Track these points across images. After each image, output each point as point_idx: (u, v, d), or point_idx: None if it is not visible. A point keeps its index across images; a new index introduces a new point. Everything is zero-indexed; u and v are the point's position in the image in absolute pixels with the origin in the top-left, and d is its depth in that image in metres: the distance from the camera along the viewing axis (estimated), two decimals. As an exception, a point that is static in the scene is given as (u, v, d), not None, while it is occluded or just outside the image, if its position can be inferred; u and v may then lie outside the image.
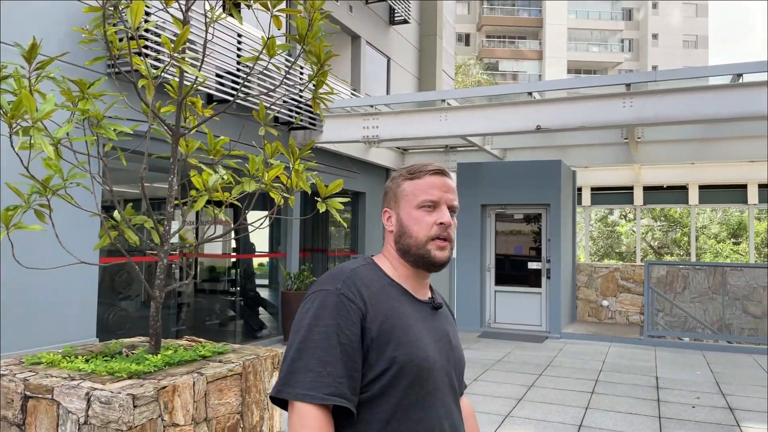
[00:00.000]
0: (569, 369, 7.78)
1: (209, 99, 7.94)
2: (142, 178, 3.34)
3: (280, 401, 1.31)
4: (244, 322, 9.70)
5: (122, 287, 8.36)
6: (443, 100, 8.92)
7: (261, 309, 10.18)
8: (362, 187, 12.00)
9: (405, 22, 13.42)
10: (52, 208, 3.39)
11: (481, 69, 34.89)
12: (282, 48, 3.54)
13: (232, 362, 3.38)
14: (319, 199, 3.94)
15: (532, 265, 10.79)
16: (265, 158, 3.92)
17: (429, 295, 1.53)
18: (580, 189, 13.99)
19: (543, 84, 8.61)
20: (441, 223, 1.43)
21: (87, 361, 3.34)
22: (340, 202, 3.95)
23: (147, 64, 3.23)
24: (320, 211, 3.86)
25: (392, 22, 13.35)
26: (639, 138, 10.48)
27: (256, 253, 10.39)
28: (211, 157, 3.92)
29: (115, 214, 3.56)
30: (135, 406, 2.71)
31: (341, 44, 12.25)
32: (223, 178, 3.86)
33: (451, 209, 1.47)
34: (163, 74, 6.32)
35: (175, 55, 3.11)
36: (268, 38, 3.57)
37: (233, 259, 10.48)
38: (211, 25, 3.44)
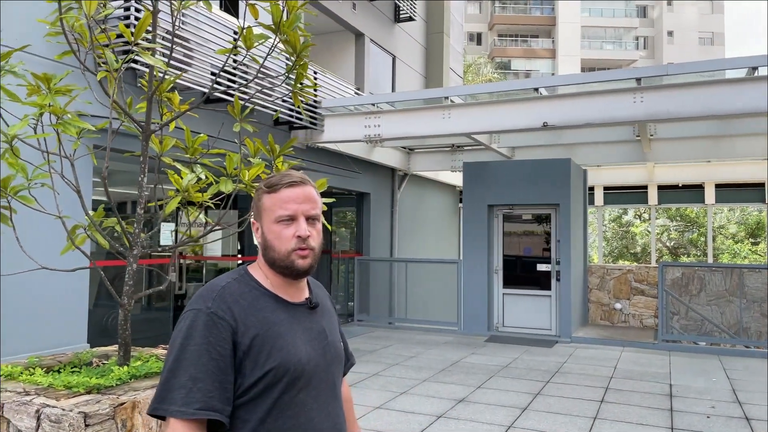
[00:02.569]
0: (579, 375, 7.47)
1: (207, 99, 7.74)
2: (104, 177, 3.12)
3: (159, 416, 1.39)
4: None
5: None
6: (447, 98, 8.65)
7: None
8: (367, 187, 11.76)
9: (410, 19, 13.17)
10: (15, 209, 3.20)
11: (492, 68, 34.54)
12: (257, 38, 3.30)
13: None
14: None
15: (542, 267, 10.48)
16: (244, 156, 3.70)
17: (306, 295, 1.60)
18: (592, 188, 13.65)
19: (550, 79, 8.32)
20: (299, 236, 1.48)
21: (48, 373, 3.13)
22: (325, 203, 3.70)
23: (110, 55, 3.01)
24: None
25: (397, 19, 13.10)
26: (651, 135, 10.13)
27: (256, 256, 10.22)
28: (189, 155, 3.70)
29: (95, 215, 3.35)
30: (87, 425, 2.49)
31: (344, 42, 12.03)
32: (200, 178, 3.64)
33: (312, 218, 1.52)
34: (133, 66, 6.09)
35: (145, 43, 2.89)
36: (243, 28, 3.34)
37: (240, 262, 10.28)
38: (178, 13, 3.21)
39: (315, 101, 9.31)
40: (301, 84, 3.53)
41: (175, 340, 1.41)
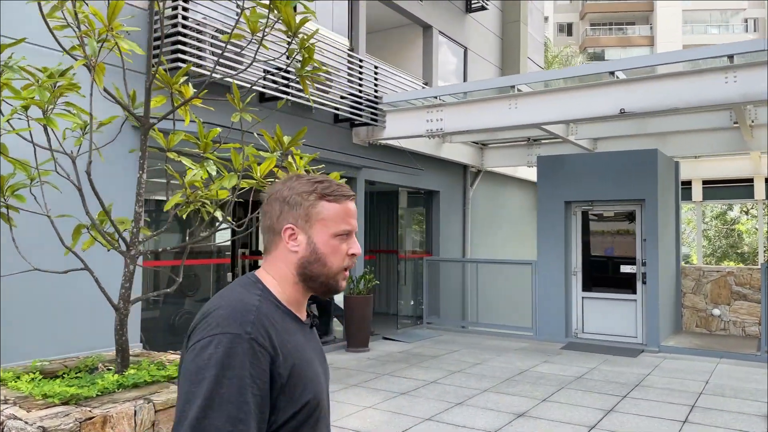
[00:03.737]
0: (662, 390, 6.67)
1: (261, 97, 7.65)
2: (88, 173, 2.94)
3: None
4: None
5: (190, 289, 8.29)
6: (513, 87, 8.06)
7: (330, 313, 9.80)
8: (436, 185, 11.32)
9: (483, 8, 12.56)
10: (17, 209, 3.10)
11: (585, 59, 32.74)
12: (254, 17, 3.01)
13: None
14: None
15: (625, 269, 9.59)
16: (261, 150, 3.43)
17: (305, 312, 1.43)
18: (688, 183, 12.44)
19: (627, 61, 7.52)
20: (353, 255, 1.36)
21: (50, 379, 3.00)
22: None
23: (92, 43, 2.82)
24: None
25: (469, 9, 12.55)
26: (752, 122, 8.99)
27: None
28: (201, 150, 3.48)
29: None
30: (45, 442, 2.29)
31: (411, 36, 11.65)
32: (211, 174, 3.41)
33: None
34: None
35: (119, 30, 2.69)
36: (243, 8, 3.07)
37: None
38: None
39: (376, 97, 9.01)
40: (308, 70, 3.20)
41: (205, 371, 1.14)
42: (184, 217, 3.55)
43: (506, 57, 14.02)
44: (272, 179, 3.56)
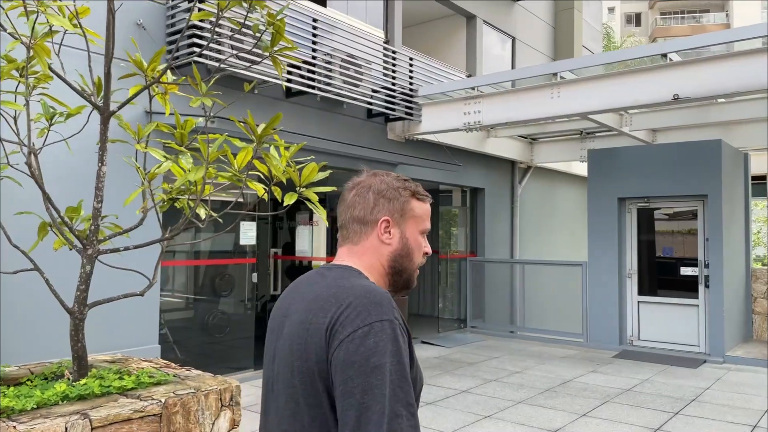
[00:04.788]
0: (721, 407, 5.96)
1: (288, 92, 7.41)
2: (30, 165, 2.71)
3: None
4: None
5: (223, 289, 8.17)
6: (556, 74, 7.48)
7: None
8: (480, 182, 10.80)
9: (532, -5, 11.93)
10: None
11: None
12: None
13: (152, 399, 2.62)
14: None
15: (686, 271, 8.78)
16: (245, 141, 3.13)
17: None
18: (762, 177, 11.36)
19: (681, 42, 6.81)
20: (426, 253, 1.43)
21: (10, 387, 2.80)
22: (319, 192, 3.01)
23: (32, 22, 2.58)
24: (286, 205, 2.96)
25: (517, -3, 11.94)
26: (834, 106, 8.01)
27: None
28: (178, 141, 3.21)
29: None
30: (-51, 463, 2.05)
31: (454, 27, 11.17)
32: (186, 168, 3.14)
33: None
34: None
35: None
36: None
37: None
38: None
39: (411, 90, 8.62)
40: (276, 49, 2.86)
41: (374, 359, 1.12)
42: (161, 213, 3.29)
43: (559, 46, 13.29)
44: (253, 172, 3.25)
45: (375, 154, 8.49)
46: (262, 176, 3.22)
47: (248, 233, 7.18)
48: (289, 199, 2.93)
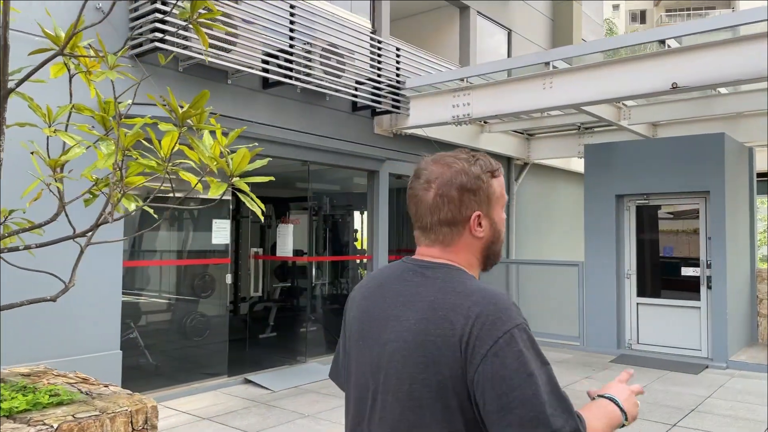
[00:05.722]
0: (723, 417, 5.55)
1: (265, 82, 7.05)
2: None
3: None
4: (325, 332, 8.70)
5: (202, 291, 7.82)
6: (548, 63, 7.08)
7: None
8: (474, 179, 10.38)
9: (529, -14, 11.53)
10: None
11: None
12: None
13: (43, 424, 2.25)
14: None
15: (687, 272, 8.36)
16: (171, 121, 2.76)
17: None
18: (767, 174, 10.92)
19: (681, 27, 6.40)
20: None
21: None
22: (254, 184, 2.64)
23: None
24: (212, 196, 2.58)
25: (513, -12, 11.54)
26: (844, 97, 7.58)
27: (333, 256, 9.38)
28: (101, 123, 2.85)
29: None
30: None
31: (448, 18, 10.78)
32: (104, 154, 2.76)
33: None
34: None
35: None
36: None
37: (319, 262, 9.57)
38: None
39: (398, 81, 8.23)
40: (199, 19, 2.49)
41: (525, 367, 1.11)
42: (87, 206, 2.92)
43: (558, 40, 12.87)
44: (186, 160, 2.88)
45: (361, 149, 8.11)
46: (194, 165, 2.85)
47: (221, 232, 6.82)
48: (216, 191, 2.55)
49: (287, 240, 8.03)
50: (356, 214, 9.54)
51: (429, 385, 1.14)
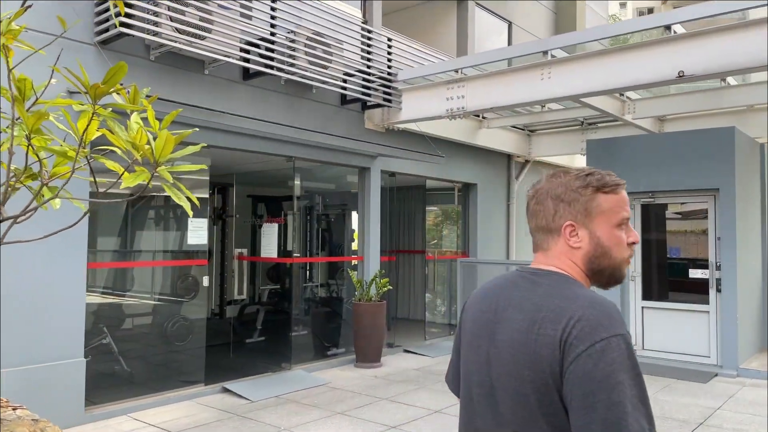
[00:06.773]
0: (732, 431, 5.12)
1: (245, 73, 6.67)
2: None
3: None
4: (313, 337, 8.31)
5: (186, 293, 7.46)
6: (546, 53, 6.67)
7: (337, 322, 8.73)
8: (472, 177, 9.99)
9: (530, -23, 11.12)
10: None
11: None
12: None
13: None
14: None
15: (695, 274, 7.91)
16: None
17: None
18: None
19: (686, 12, 5.97)
20: (632, 243, 1.38)
21: None
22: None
23: None
24: (125, 186, 2.20)
25: (514, -22, 11.13)
26: None
27: (320, 256, 8.97)
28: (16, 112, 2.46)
29: None
30: None
31: (445, 10, 10.38)
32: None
33: None
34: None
35: None
36: None
37: (306, 263, 9.18)
38: None
39: (390, 73, 7.84)
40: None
41: (617, 375, 1.12)
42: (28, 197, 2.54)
43: (560, 33, 12.44)
44: (107, 148, 2.49)
45: (350, 145, 7.72)
46: (121, 153, 2.47)
47: (198, 232, 6.44)
48: (132, 180, 2.17)
49: (272, 240, 7.65)
50: (347, 213, 9.16)
51: (534, 381, 1.19)
